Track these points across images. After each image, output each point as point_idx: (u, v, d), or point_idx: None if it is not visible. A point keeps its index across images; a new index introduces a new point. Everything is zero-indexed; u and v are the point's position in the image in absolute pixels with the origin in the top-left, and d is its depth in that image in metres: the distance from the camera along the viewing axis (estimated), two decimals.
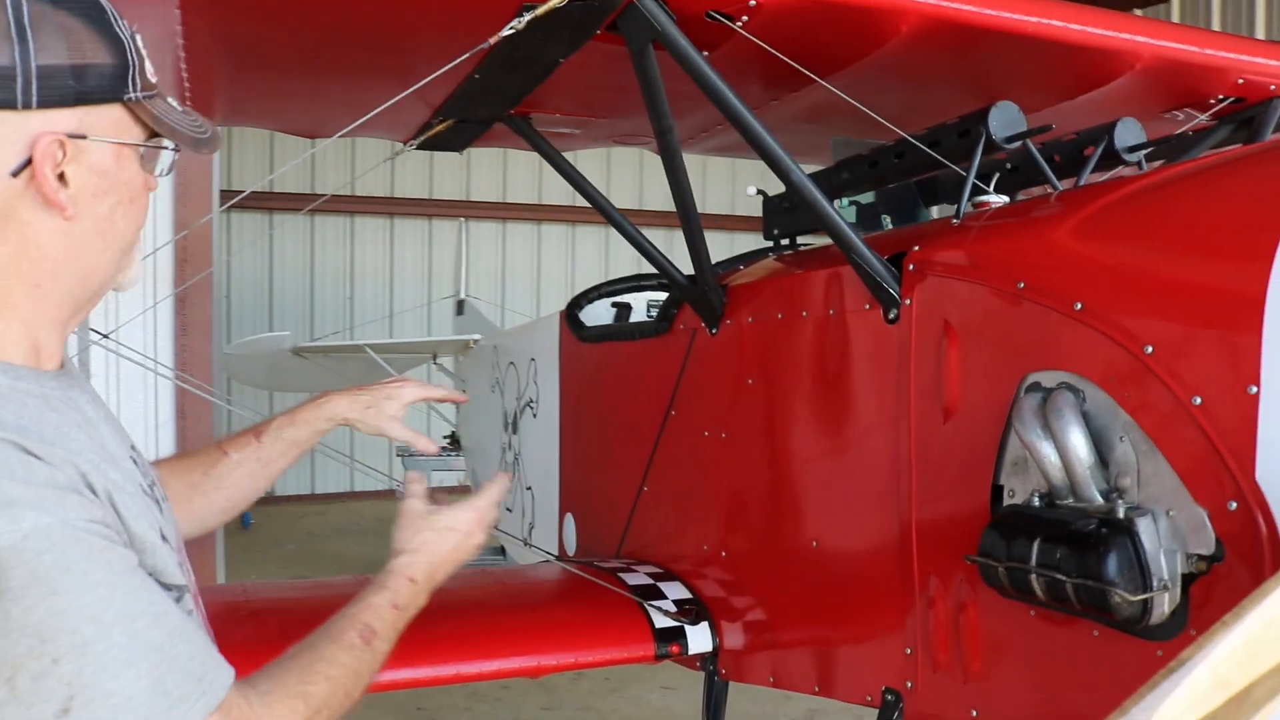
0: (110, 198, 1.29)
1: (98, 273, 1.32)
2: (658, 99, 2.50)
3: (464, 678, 2.76)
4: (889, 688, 2.28)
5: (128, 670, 1.13)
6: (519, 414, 5.14)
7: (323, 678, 1.33)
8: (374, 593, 1.49)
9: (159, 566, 1.27)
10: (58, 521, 1.12)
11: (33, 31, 1.19)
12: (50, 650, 1.09)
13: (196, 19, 2.51)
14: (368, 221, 14.34)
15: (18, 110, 1.19)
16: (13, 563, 1.08)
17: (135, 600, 1.16)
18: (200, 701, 1.18)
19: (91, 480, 1.20)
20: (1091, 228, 1.98)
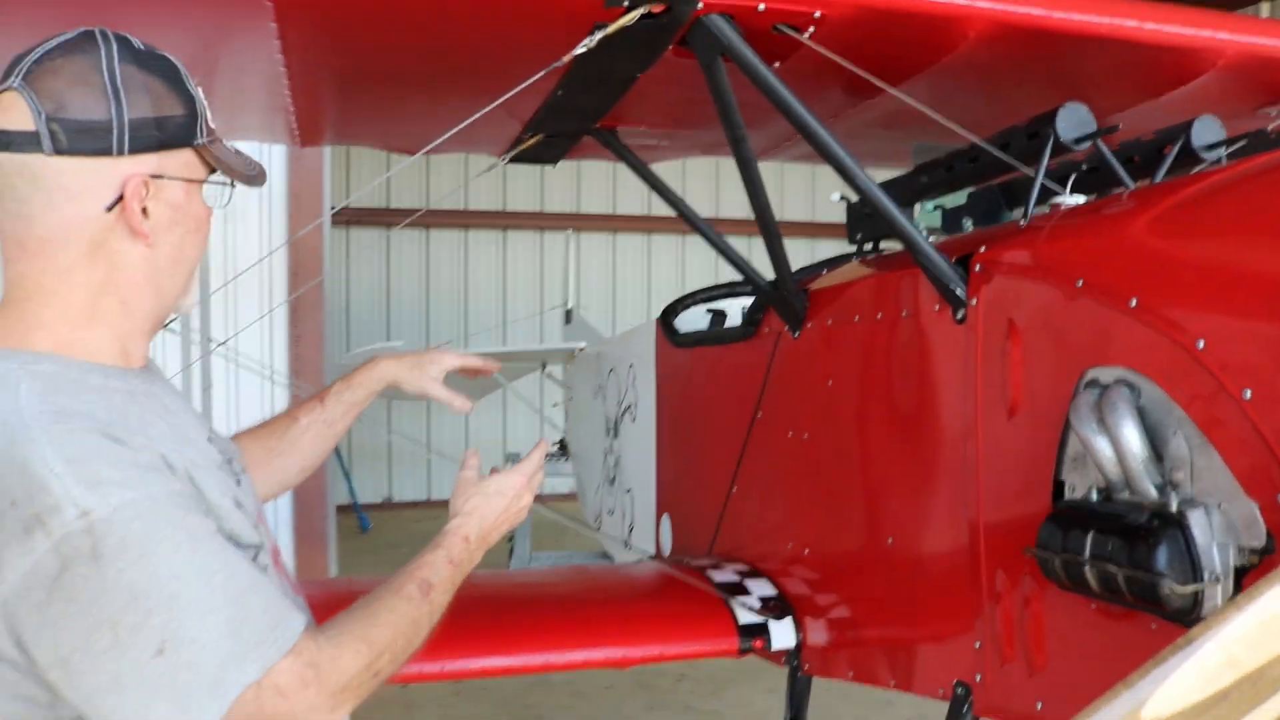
0: (181, 227, 1.51)
1: (172, 291, 1.56)
2: (730, 110, 2.58)
3: (553, 666, 2.88)
4: (959, 681, 2.32)
5: (208, 618, 1.32)
6: (619, 419, 5.26)
7: (384, 624, 1.50)
8: (430, 551, 1.65)
9: (235, 530, 1.48)
10: (142, 495, 1.31)
11: (125, 91, 1.43)
12: (143, 605, 1.28)
13: (295, 46, 2.67)
14: (481, 235, 14.67)
15: (112, 156, 1.43)
16: (105, 532, 1.27)
17: (212, 559, 1.36)
18: (273, 646, 1.37)
19: (170, 460, 1.40)
20: (1149, 225, 2.00)
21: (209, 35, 2.74)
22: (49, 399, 1.36)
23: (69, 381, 1.40)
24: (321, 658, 1.42)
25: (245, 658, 1.34)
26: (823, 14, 2.38)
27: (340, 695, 1.44)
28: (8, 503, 1.28)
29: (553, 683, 6.65)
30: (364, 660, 1.46)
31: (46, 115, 1.39)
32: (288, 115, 3.38)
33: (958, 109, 2.82)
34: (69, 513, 1.27)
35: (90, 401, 1.39)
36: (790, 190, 13.98)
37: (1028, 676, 2.13)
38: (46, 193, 1.42)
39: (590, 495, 6.07)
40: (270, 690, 1.37)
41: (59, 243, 1.44)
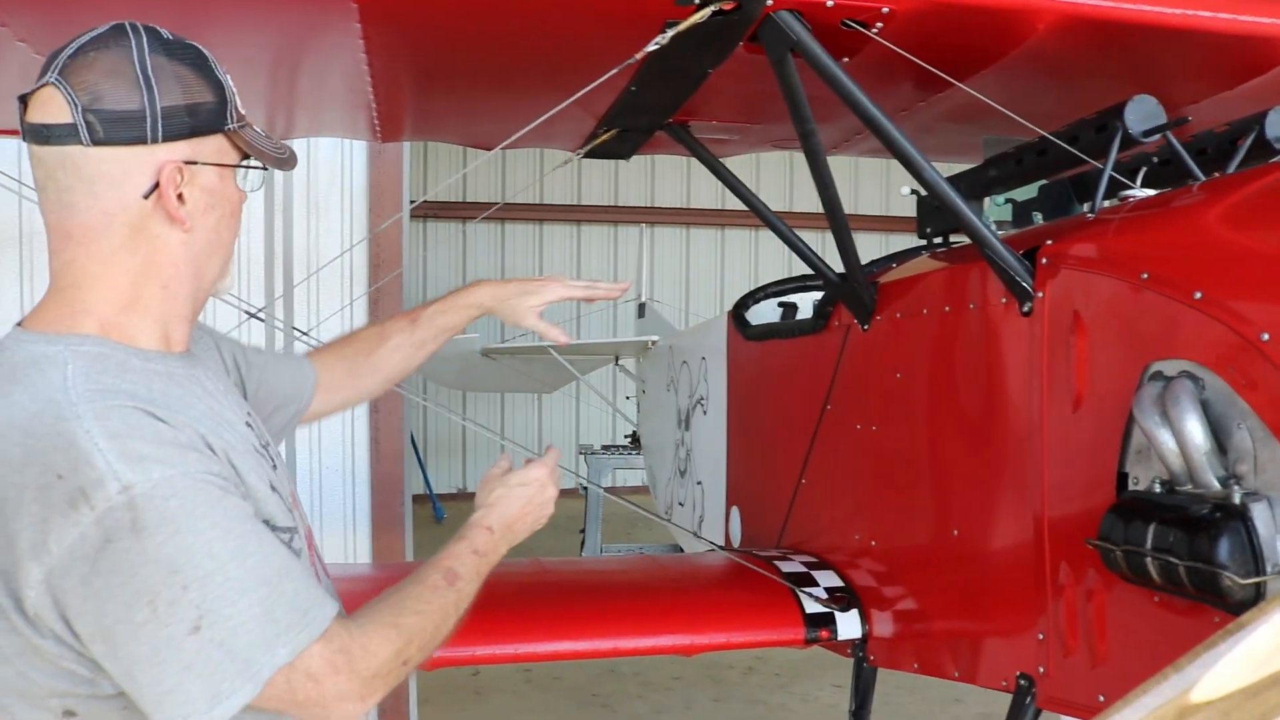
0: (217, 211, 1.55)
1: (210, 274, 1.60)
2: (800, 105, 2.61)
3: (621, 652, 2.93)
4: (1023, 673, 2.33)
5: (243, 598, 1.36)
6: (691, 411, 5.30)
7: (411, 612, 1.54)
8: (455, 542, 1.69)
9: (270, 513, 1.52)
10: (180, 473, 1.35)
11: (156, 80, 1.47)
12: (180, 579, 1.32)
13: (378, 45, 2.76)
14: (555, 228, 14.82)
15: (147, 145, 1.47)
16: (145, 506, 1.31)
17: (248, 541, 1.39)
18: (305, 631, 1.40)
19: (210, 441, 1.44)
20: (1215, 218, 2.00)
21: (296, 36, 2.84)
22: (94, 378, 1.40)
23: (113, 363, 1.45)
24: (353, 644, 1.45)
25: (277, 640, 1.37)
26: (891, 9, 2.40)
27: (371, 682, 1.46)
28: (54, 476, 1.31)
29: (622, 673, 6.73)
30: (393, 647, 1.49)
31: (83, 107, 1.43)
32: (370, 112, 3.47)
33: (1027, 102, 2.83)
34: (111, 487, 1.30)
35: (132, 381, 1.44)
36: (864, 184, 13.94)
37: (1090, 669, 2.14)
38: (87, 182, 1.46)
39: (661, 487, 6.12)
40: (301, 674, 1.40)
41: (101, 230, 1.48)
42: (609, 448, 9.93)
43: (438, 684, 6.28)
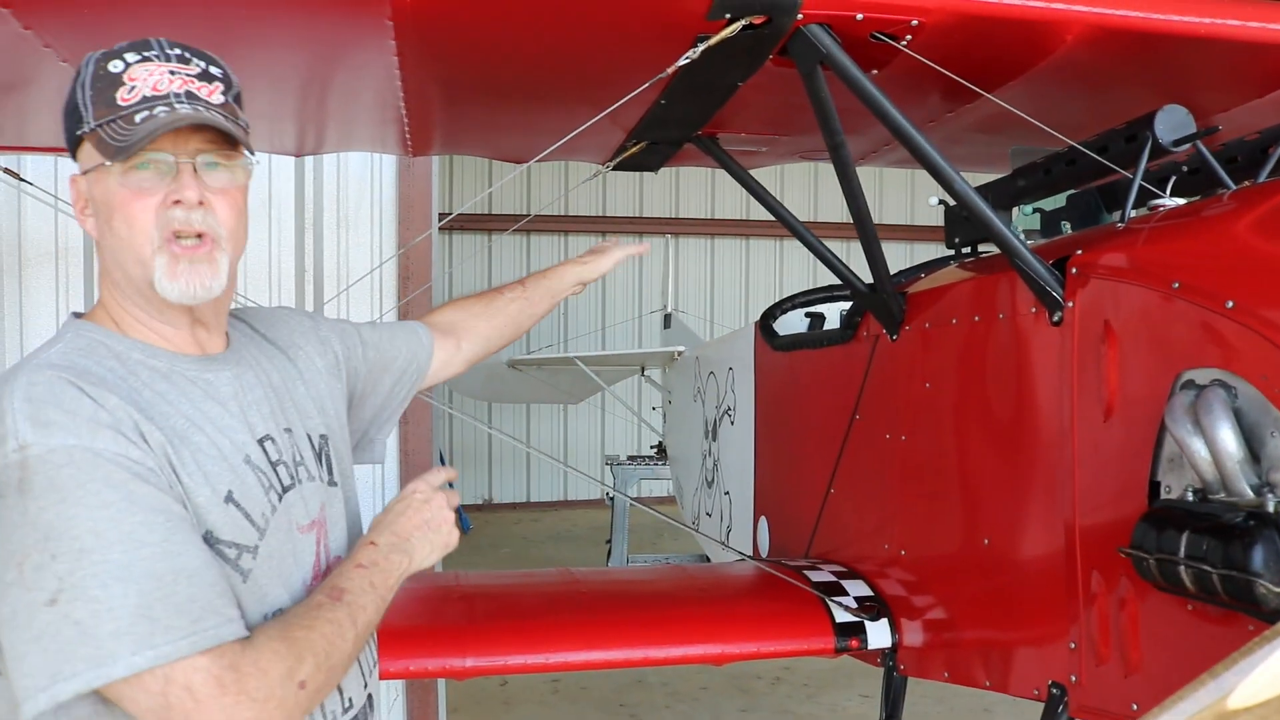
0: (99, 217, 1.58)
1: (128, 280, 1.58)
2: (829, 117, 2.63)
3: (650, 661, 2.95)
4: (1055, 682, 2.34)
5: (117, 585, 1.30)
6: (718, 422, 5.32)
7: (300, 627, 1.46)
8: (341, 562, 1.65)
9: (214, 524, 1.48)
10: (82, 446, 1.35)
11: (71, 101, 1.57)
12: (51, 547, 1.30)
13: (411, 61, 2.79)
14: (581, 240, 14.86)
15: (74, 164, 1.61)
16: (36, 469, 1.32)
17: (149, 532, 1.35)
18: (188, 639, 1.32)
19: (143, 429, 1.43)
20: (1246, 227, 2.01)
21: (330, 51, 2.87)
22: (66, 355, 1.48)
23: (106, 350, 1.52)
24: (243, 660, 1.36)
25: (147, 640, 1.30)
26: (920, 22, 2.42)
27: (261, 705, 1.35)
28: None
29: (649, 683, 6.74)
30: (284, 664, 1.40)
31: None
32: (401, 126, 3.51)
33: (1055, 112, 2.84)
34: (10, 444, 1.34)
35: (111, 367, 1.49)
36: (889, 193, 13.94)
37: (1123, 677, 2.14)
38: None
39: (688, 498, 6.14)
40: (180, 688, 1.31)
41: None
42: (635, 458, 9.95)
43: (466, 694, 6.31)
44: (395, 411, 2.18)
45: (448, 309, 2.41)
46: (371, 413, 2.13)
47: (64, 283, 4.92)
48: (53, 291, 4.91)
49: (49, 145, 3.92)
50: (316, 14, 2.56)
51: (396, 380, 2.15)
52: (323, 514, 1.71)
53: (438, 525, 1.72)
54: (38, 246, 4.87)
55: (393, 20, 2.42)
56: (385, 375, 2.12)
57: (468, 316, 2.38)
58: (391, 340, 2.16)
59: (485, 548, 11.30)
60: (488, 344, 2.44)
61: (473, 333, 2.37)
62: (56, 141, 3.67)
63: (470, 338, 2.37)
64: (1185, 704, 1.14)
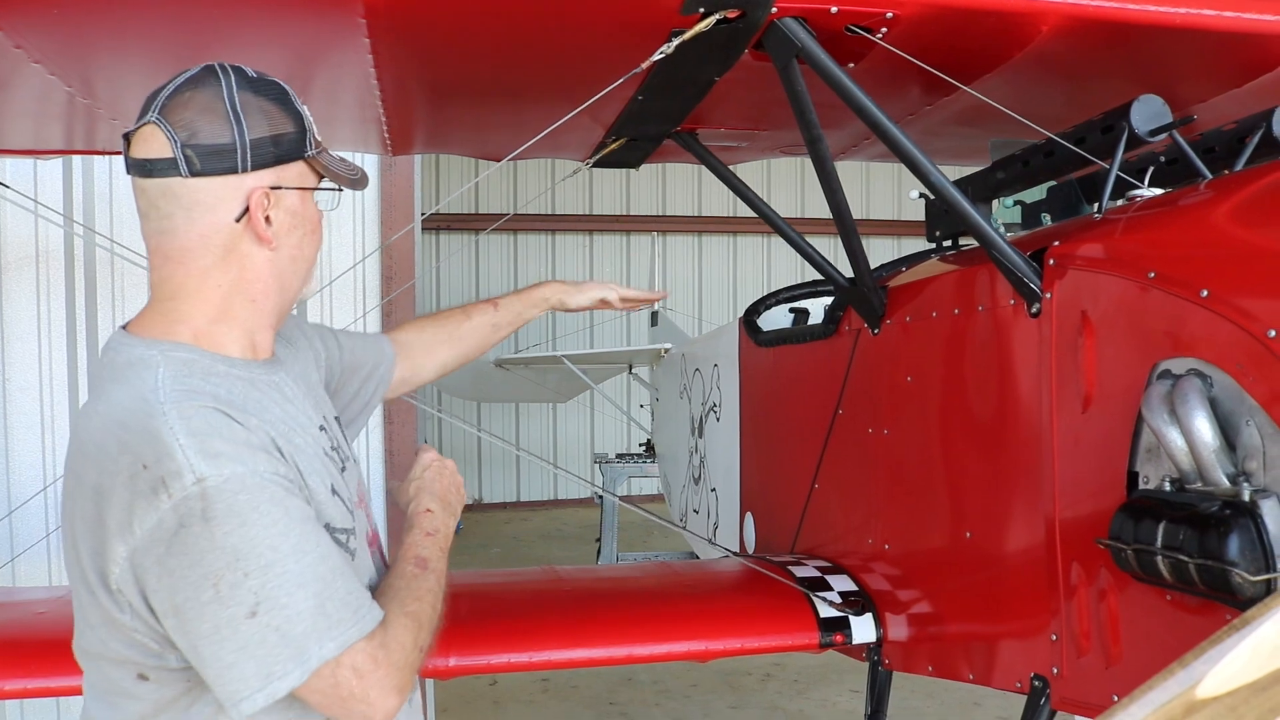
0: (299, 230, 1.73)
1: (294, 285, 1.78)
2: (806, 111, 2.62)
3: (636, 659, 2.94)
4: (1037, 674, 2.33)
5: (298, 591, 1.49)
6: (704, 418, 5.32)
7: (413, 600, 1.67)
8: (408, 534, 1.84)
9: (330, 515, 1.67)
10: (249, 471, 1.50)
11: (244, 115, 1.64)
12: (242, 566, 1.47)
13: (386, 60, 2.78)
14: (567, 238, 14.85)
15: (238, 174, 1.64)
16: (215, 498, 1.47)
17: (306, 540, 1.53)
18: (355, 627, 1.54)
19: (279, 444, 1.61)
20: (1220, 216, 2.01)
21: (305, 52, 2.86)
22: (181, 380, 1.58)
23: (200, 368, 1.62)
24: (387, 637, 1.57)
25: (328, 633, 1.50)
26: (895, 14, 2.41)
27: (404, 672, 1.58)
28: (140, 465, 1.48)
29: (639, 681, 6.74)
30: (412, 635, 1.61)
31: (181, 143, 1.61)
32: (380, 125, 3.50)
33: (1034, 104, 2.83)
34: (188, 478, 1.46)
35: (215, 384, 1.61)
36: (877, 188, 13.95)
37: (1104, 669, 2.14)
38: (186, 209, 1.64)
39: (676, 495, 6.13)
40: (348, 669, 1.52)
41: (198, 250, 1.66)
42: (623, 456, 9.94)
43: (456, 694, 6.30)
44: (360, 414, 2.29)
45: (409, 329, 2.48)
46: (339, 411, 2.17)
47: (44, 286, 4.89)
48: (34, 295, 4.88)
49: (26, 148, 3.91)
50: (290, 14, 2.54)
51: (363, 383, 2.27)
52: (360, 488, 1.91)
53: (459, 485, 1.97)
54: (17, 250, 4.84)
55: (365, 19, 2.40)
56: (354, 377, 2.24)
57: (429, 341, 2.46)
58: (362, 346, 2.29)
59: (475, 548, 11.28)
60: (443, 369, 2.52)
61: (431, 356, 2.46)
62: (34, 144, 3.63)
63: (429, 361, 2.46)
64: (1155, 694, 1.14)
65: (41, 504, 4.60)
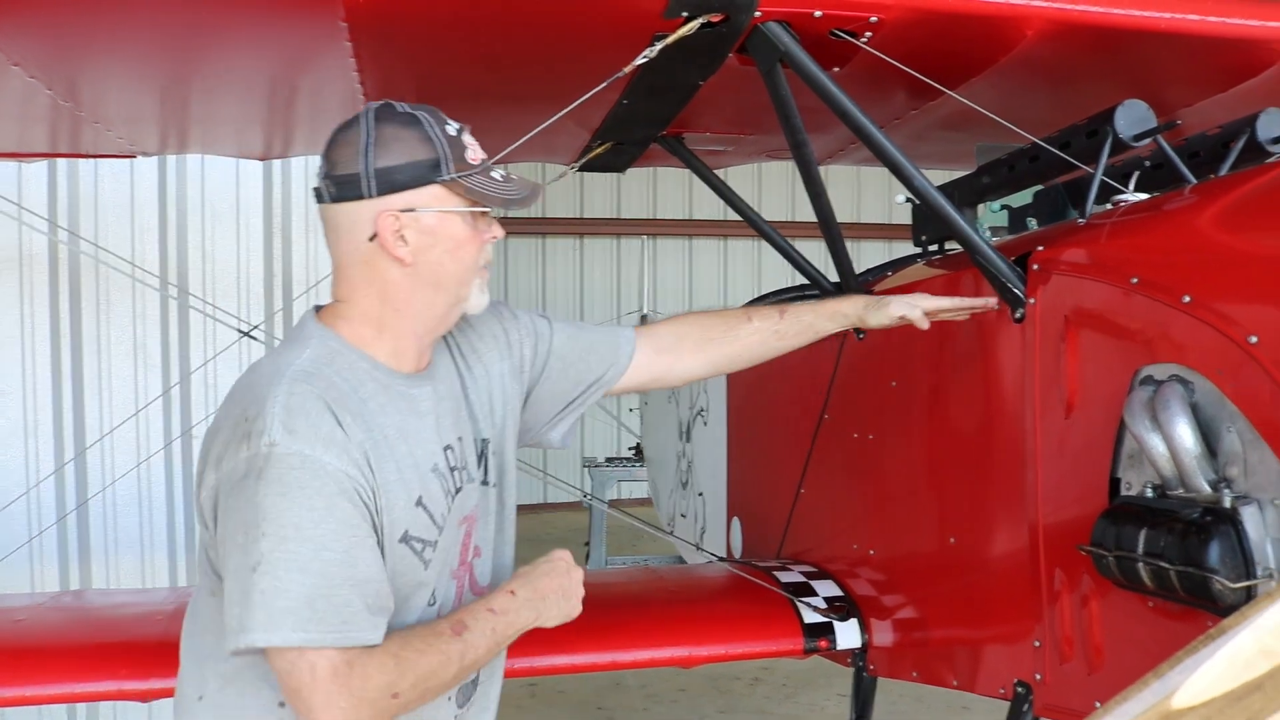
0: (438, 248, 1.85)
1: (438, 301, 1.90)
2: (790, 116, 2.61)
3: (620, 665, 2.93)
4: (1020, 680, 2.32)
5: (298, 574, 1.62)
6: (692, 423, 5.30)
7: (412, 650, 1.71)
8: (477, 601, 1.89)
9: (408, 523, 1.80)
10: (314, 457, 1.66)
11: (374, 147, 1.80)
12: (263, 528, 1.63)
13: (369, 65, 2.77)
14: (558, 242, 14.82)
15: (364, 199, 1.80)
16: (275, 463, 1.65)
17: (336, 539, 1.66)
18: (334, 634, 1.63)
19: (369, 451, 1.74)
20: (1203, 221, 2.00)
21: (290, 55, 2.85)
22: (317, 363, 1.78)
23: (343, 361, 1.81)
24: (359, 661, 1.65)
25: (305, 624, 1.61)
26: (879, 19, 2.41)
27: (358, 705, 1.63)
28: (244, 417, 1.71)
29: (627, 685, 6.71)
30: (387, 676, 1.66)
31: (323, 175, 1.85)
32: None
33: (1019, 108, 2.83)
34: (264, 439, 1.66)
35: (346, 378, 1.79)
36: (868, 193, 13.94)
37: (1087, 675, 2.13)
38: (334, 230, 1.86)
39: (664, 499, 6.12)
40: (306, 665, 1.62)
41: (348, 265, 1.87)
42: (613, 460, 9.92)
43: None
44: (574, 415, 2.33)
45: (683, 322, 2.43)
46: (550, 415, 2.29)
47: (28, 290, 4.87)
48: (17, 298, 4.86)
49: (9, 151, 3.89)
50: (273, 17, 2.53)
51: (581, 392, 2.29)
52: (475, 510, 2.00)
53: (570, 594, 1.96)
54: (1, 254, 4.81)
55: (347, 22, 2.39)
56: (569, 384, 2.27)
57: (700, 339, 2.38)
58: (586, 355, 2.29)
59: None
60: (713, 369, 2.49)
61: (697, 356, 2.39)
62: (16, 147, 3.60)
63: (692, 360, 2.39)
64: (1130, 704, 1.13)
65: (24, 508, 4.57)
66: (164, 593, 4.31)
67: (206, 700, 1.85)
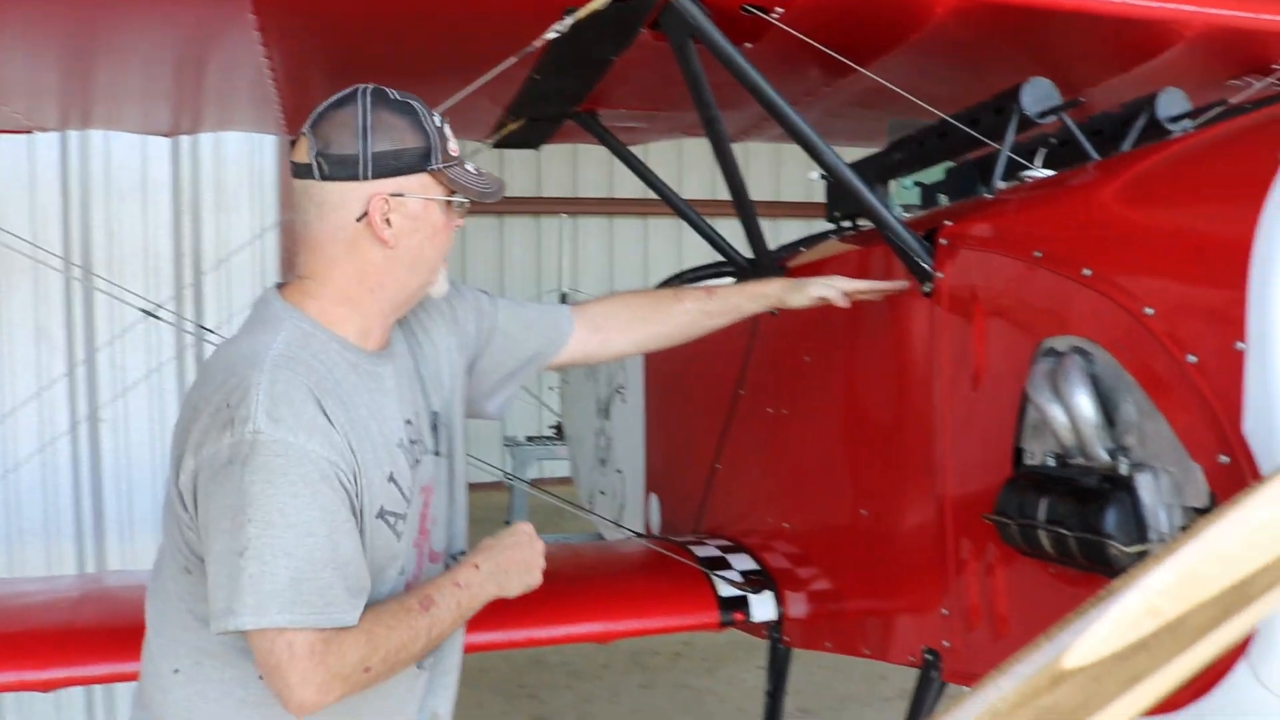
0: (419, 234, 1.92)
1: (412, 284, 1.97)
2: (702, 92, 2.62)
3: (536, 642, 2.93)
4: (929, 648, 2.37)
5: (283, 558, 1.69)
6: (610, 400, 5.30)
7: (384, 626, 1.79)
8: (442, 575, 1.96)
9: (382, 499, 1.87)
10: (298, 444, 1.71)
11: (372, 131, 1.85)
12: (250, 513, 1.69)
13: (276, 39, 2.71)
14: (478, 221, 14.68)
15: (359, 181, 1.85)
16: (261, 450, 1.70)
17: (319, 524, 1.72)
18: (315, 615, 1.70)
19: (350, 435, 1.79)
20: (1103, 196, 2.04)
21: (195, 31, 2.79)
22: (294, 348, 1.81)
23: (317, 342, 1.85)
24: (335, 640, 1.72)
25: (289, 605, 1.68)
26: None
27: (333, 681, 1.71)
28: (226, 403, 1.74)
29: (549, 663, 6.72)
30: (360, 653, 1.74)
31: (317, 152, 1.85)
32: (275, 106, 3.42)
33: (931, 85, 2.86)
34: (249, 426, 1.70)
35: (322, 360, 1.83)
36: (787, 171, 14.00)
37: (993, 642, 2.17)
38: (318, 207, 1.88)
39: (583, 477, 6.12)
40: (285, 644, 1.69)
41: (327, 242, 1.89)
42: (533, 439, 9.90)
43: None
44: (511, 387, 2.40)
45: (614, 302, 2.51)
46: (489, 387, 2.36)
47: None
48: None
49: None
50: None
51: (520, 365, 2.37)
52: (431, 481, 2.06)
53: (532, 566, 2.06)
54: None
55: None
56: (509, 358, 2.35)
57: (631, 318, 2.48)
58: (526, 331, 2.37)
59: None
60: (643, 347, 2.65)
61: (629, 334, 2.49)
62: None
63: (623, 339, 2.49)
64: (1022, 666, 1.15)
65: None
66: (69, 580, 4.22)
67: (183, 674, 1.89)
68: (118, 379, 4.93)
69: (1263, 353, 1.58)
